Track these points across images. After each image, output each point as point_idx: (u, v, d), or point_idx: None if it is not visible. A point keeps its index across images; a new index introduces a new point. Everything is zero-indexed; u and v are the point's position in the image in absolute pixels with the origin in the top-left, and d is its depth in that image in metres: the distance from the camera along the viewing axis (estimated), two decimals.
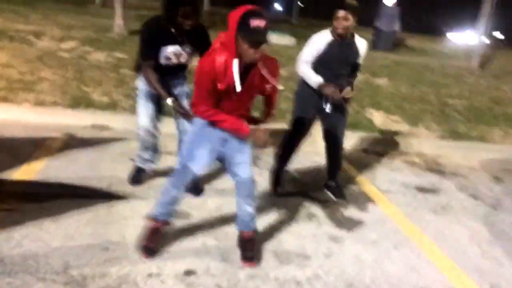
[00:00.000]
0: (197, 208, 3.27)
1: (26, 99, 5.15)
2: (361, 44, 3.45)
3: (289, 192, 3.86)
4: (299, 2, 15.46)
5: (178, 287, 2.40)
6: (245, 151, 2.57)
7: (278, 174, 3.79)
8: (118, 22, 8.77)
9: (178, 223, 2.99)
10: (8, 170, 3.50)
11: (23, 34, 6.52)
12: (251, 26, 2.10)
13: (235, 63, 2.25)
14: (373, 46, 11.65)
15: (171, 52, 3.11)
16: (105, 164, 3.84)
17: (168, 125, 3.57)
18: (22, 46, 6.24)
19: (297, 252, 2.90)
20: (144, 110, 3.34)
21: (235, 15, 2.15)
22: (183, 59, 3.20)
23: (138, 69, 3.28)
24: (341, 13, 3.25)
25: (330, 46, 3.35)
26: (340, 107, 3.49)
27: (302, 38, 10.01)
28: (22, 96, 5.19)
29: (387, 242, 3.19)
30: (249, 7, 2.16)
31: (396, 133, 6.05)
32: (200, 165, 2.55)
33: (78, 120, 4.87)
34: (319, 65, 3.37)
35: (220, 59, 2.25)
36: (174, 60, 3.16)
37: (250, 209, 2.68)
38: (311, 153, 4.23)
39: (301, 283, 2.57)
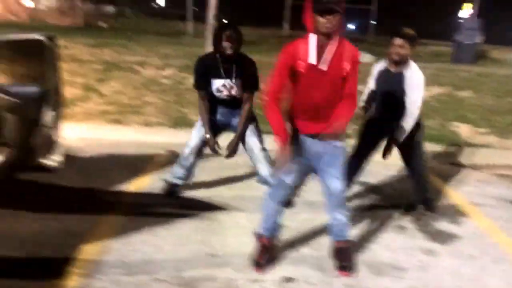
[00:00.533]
0: (290, 219, 3.27)
1: (134, 121, 5.56)
2: (416, 74, 3.12)
3: (375, 204, 3.73)
4: (371, 21, 15.07)
5: None
6: (336, 165, 2.49)
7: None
8: (209, 50, 9.15)
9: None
10: (125, 182, 3.79)
11: (130, 65, 7.08)
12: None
13: (312, 36, 2.25)
14: (454, 59, 10.99)
15: (220, 84, 3.20)
16: (204, 176, 3.97)
17: None
18: (130, 75, 6.77)
19: (391, 264, 2.78)
20: (198, 132, 3.38)
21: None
22: (234, 92, 3.24)
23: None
24: (397, 41, 3.08)
25: (381, 77, 3.25)
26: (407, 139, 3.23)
27: (380, 55, 9.76)
28: (131, 118, 5.62)
29: (485, 257, 2.94)
30: None
31: (484, 145, 5.62)
32: (294, 178, 2.53)
33: (179, 138, 5.13)
34: (379, 94, 3.26)
35: (299, 41, 2.30)
36: (225, 92, 3.23)
37: (342, 217, 2.59)
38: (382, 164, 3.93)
39: None
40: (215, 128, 3.38)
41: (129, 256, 2.66)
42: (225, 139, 3.45)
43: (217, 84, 3.22)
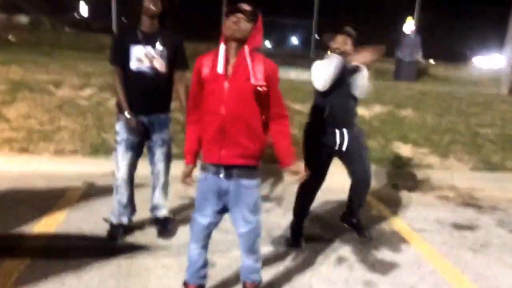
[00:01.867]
0: (221, 256, 3.24)
1: (45, 149, 5.31)
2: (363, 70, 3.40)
3: (314, 235, 3.81)
4: (316, 35, 15.65)
5: None
6: (243, 205, 2.39)
7: (298, 228, 3.63)
8: None
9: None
10: (30, 223, 3.58)
11: (42, 84, 6.79)
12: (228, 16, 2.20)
13: (222, 46, 2.25)
14: (395, 77, 11.68)
15: (141, 53, 3.12)
16: None
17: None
18: (41, 96, 6.48)
19: None
20: (124, 160, 3.31)
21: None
22: (157, 65, 3.16)
23: (119, 109, 3.29)
24: (340, 38, 3.34)
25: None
26: (356, 141, 3.43)
27: None
28: (42, 146, 5.36)
29: (424, 286, 3.09)
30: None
31: (426, 166, 5.96)
32: (207, 218, 2.44)
33: (98, 168, 4.97)
34: (325, 94, 3.31)
35: (211, 51, 2.31)
36: (147, 64, 3.14)
37: (250, 262, 2.55)
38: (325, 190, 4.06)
39: None
40: (135, 146, 3.33)
41: None
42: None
43: (137, 52, 3.12)
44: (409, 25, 15.94)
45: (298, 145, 3.45)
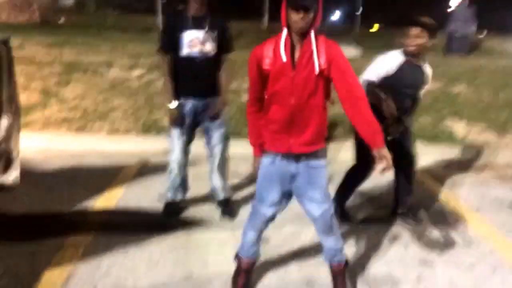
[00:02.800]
0: (274, 233, 3.30)
1: (100, 128, 5.52)
2: (428, 70, 3.33)
3: (368, 214, 3.80)
4: (357, 13, 15.29)
5: None
6: (316, 186, 2.38)
7: (343, 207, 3.63)
8: None
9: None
10: (91, 199, 3.76)
11: (95, 66, 7.02)
12: None
13: (284, 32, 2.16)
14: (447, 50, 11.24)
15: (192, 37, 3.15)
16: None
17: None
18: (94, 77, 6.71)
19: (387, 277, 2.84)
20: (178, 143, 3.38)
21: None
22: (208, 48, 3.19)
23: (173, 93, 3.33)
24: (415, 31, 3.12)
25: (401, 70, 3.22)
26: (406, 133, 3.38)
27: (368, 49, 9.90)
28: (96, 125, 5.58)
29: (484, 266, 3.03)
30: None
31: (482, 143, 5.77)
32: (270, 207, 2.44)
33: (150, 146, 5.13)
34: (382, 86, 3.19)
35: (270, 41, 2.22)
36: (197, 48, 3.17)
37: (331, 243, 2.53)
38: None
39: None
40: (189, 129, 3.39)
41: (98, 280, 2.65)
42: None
43: (188, 37, 3.16)
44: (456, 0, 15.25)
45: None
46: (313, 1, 2.09)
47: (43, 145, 4.97)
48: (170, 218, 3.52)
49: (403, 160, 3.47)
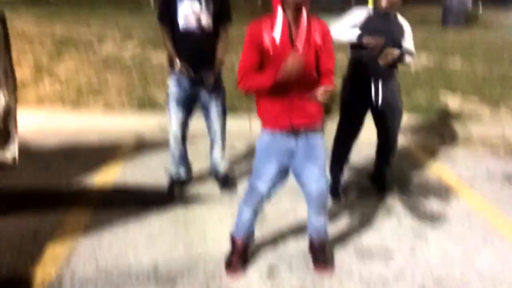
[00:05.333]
0: (271, 208, 3.37)
1: (95, 104, 5.53)
2: (405, 24, 3.31)
3: (362, 187, 3.89)
4: None
5: (263, 284, 2.54)
6: (314, 162, 2.42)
7: (337, 184, 3.65)
8: None
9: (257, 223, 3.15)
10: (89, 175, 3.82)
11: (86, 40, 6.97)
12: None
13: (279, 11, 2.20)
14: (443, 22, 11.22)
15: (188, 10, 3.15)
16: None
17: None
18: (87, 51, 6.67)
19: (380, 248, 2.95)
20: (175, 116, 3.40)
21: None
22: (204, 22, 3.20)
23: (170, 66, 3.35)
24: None
25: (370, 20, 3.22)
26: (391, 98, 3.36)
27: None
28: (91, 101, 5.58)
29: (475, 237, 3.14)
30: None
31: (475, 116, 5.85)
32: (268, 184, 2.45)
33: (146, 122, 5.16)
34: (356, 45, 3.23)
35: (265, 19, 2.25)
36: (193, 22, 3.18)
37: (321, 222, 2.60)
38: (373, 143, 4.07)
39: (387, 280, 2.62)
40: (187, 102, 3.42)
41: (100, 254, 2.73)
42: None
43: (184, 9, 3.17)
44: None
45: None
46: None
47: (39, 122, 4.99)
48: (173, 197, 3.56)
49: (383, 134, 3.54)
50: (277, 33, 2.20)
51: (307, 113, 2.34)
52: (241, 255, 2.66)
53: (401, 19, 3.33)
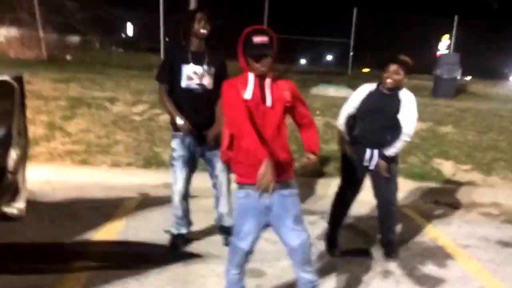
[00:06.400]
0: (270, 266, 3.30)
1: (103, 161, 5.55)
2: (406, 96, 3.36)
3: (360, 249, 3.81)
4: (351, 53, 15.66)
5: None
6: (291, 214, 2.39)
7: (332, 236, 3.67)
8: None
9: (252, 282, 3.06)
10: (92, 230, 3.75)
11: (99, 101, 7.10)
12: (253, 42, 2.24)
13: (250, 75, 2.33)
14: (433, 94, 11.49)
15: (191, 71, 3.25)
16: None
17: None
18: (98, 111, 6.77)
19: None
20: (181, 175, 3.40)
21: (240, 37, 2.29)
22: (206, 82, 3.29)
23: (173, 127, 3.38)
24: (392, 67, 3.28)
25: (371, 96, 3.39)
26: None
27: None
28: (99, 158, 5.60)
29: None
30: (252, 28, 2.28)
31: (468, 183, 5.83)
32: (249, 242, 2.42)
33: (151, 180, 5.15)
34: (359, 116, 3.43)
35: (239, 79, 2.37)
36: (196, 81, 3.26)
37: (308, 276, 2.48)
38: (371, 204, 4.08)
39: None
40: (191, 161, 3.43)
41: None
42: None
43: (187, 71, 3.25)
44: (445, 43, 15.77)
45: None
46: (270, 47, 2.25)
47: (48, 176, 4.98)
48: (176, 251, 3.50)
49: (383, 198, 3.54)
50: (249, 91, 2.32)
51: (280, 168, 2.31)
52: None
53: (403, 93, 3.38)
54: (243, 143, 2.27)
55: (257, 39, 2.24)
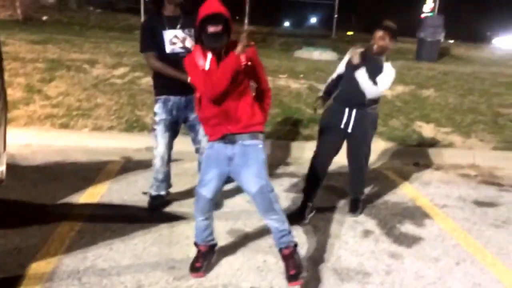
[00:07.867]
0: (254, 226, 3.37)
1: (84, 125, 5.48)
2: (388, 67, 3.45)
3: (340, 208, 3.90)
4: (336, 15, 15.47)
5: None
6: (252, 163, 2.50)
7: (305, 204, 3.64)
8: None
9: (238, 241, 3.13)
10: (76, 193, 3.75)
11: (78, 63, 6.94)
12: (208, 32, 2.35)
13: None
14: (417, 57, 11.51)
15: (172, 36, 3.25)
16: None
17: None
18: (78, 74, 6.63)
19: (357, 269, 2.93)
20: (162, 139, 3.42)
21: (197, 18, 2.37)
22: (188, 44, 3.28)
23: (156, 91, 3.42)
24: (378, 33, 3.38)
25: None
26: (361, 126, 3.52)
27: (344, 52, 10.02)
28: (80, 122, 5.52)
29: (448, 259, 3.15)
30: (208, 10, 2.34)
31: (448, 145, 5.96)
32: (210, 189, 2.57)
33: (134, 143, 5.12)
34: (344, 78, 3.54)
35: (197, 51, 2.50)
36: (179, 45, 3.26)
37: (276, 224, 2.55)
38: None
39: None
40: (173, 125, 3.43)
41: (84, 273, 2.65)
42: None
43: (168, 36, 3.25)
44: (429, 5, 15.69)
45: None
46: (223, 36, 2.39)
47: (28, 140, 4.91)
48: (155, 212, 3.55)
49: (355, 162, 3.68)
50: (208, 63, 2.45)
51: (243, 122, 2.50)
52: (203, 259, 2.74)
53: (386, 63, 3.47)
54: (206, 109, 2.52)
55: (212, 29, 2.34)
